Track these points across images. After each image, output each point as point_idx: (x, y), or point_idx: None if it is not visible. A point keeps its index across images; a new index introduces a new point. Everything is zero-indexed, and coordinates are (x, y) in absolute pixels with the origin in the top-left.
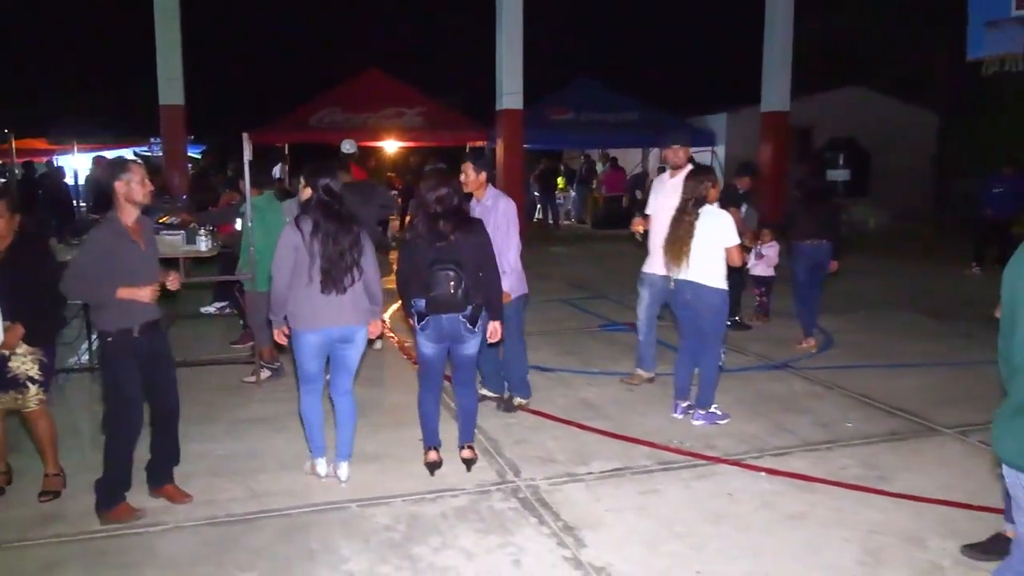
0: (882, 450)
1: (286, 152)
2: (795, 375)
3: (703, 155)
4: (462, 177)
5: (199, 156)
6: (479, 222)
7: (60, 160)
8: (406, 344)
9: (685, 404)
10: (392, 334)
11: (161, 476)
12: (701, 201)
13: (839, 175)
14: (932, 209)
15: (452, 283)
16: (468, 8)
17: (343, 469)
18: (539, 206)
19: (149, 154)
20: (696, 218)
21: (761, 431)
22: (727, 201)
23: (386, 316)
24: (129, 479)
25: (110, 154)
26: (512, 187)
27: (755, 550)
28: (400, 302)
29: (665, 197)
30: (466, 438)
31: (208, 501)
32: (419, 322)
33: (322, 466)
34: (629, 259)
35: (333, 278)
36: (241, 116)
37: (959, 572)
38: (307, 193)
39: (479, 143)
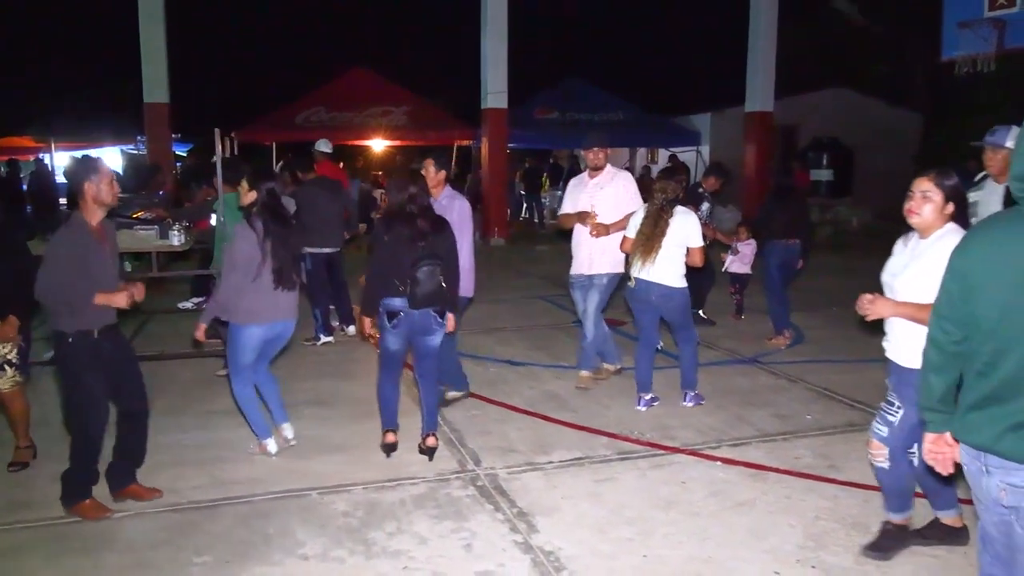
0: (837, 441)
1: (273, 151)
2: (762, 370)
3: (688, 155)
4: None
5: (184, 154)
6: (446, 220)
7: (50, 159)
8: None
9: (648, 397)
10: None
11: (124, 478)
12: (675, 201)
13: (823, 175)
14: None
15: (440, 279)
16: (455, 7)
17: (288, 430)
18: (525, 205)
19: (135, 152)
20: (672, 217)
21: (721, 423)
22: (687, 200)
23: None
24: (96, 476)
25: (97, 152)
26: (496, 186)
27: (702, 535)
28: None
29: (589, 196)
30: (431, 427)
31: (172, 489)
32: (390, 320)
33: (272, 444)
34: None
35: (285, 276)
36: (228, 115)
37: (897, 556)
38: (251, 196)
39: (465, 142)
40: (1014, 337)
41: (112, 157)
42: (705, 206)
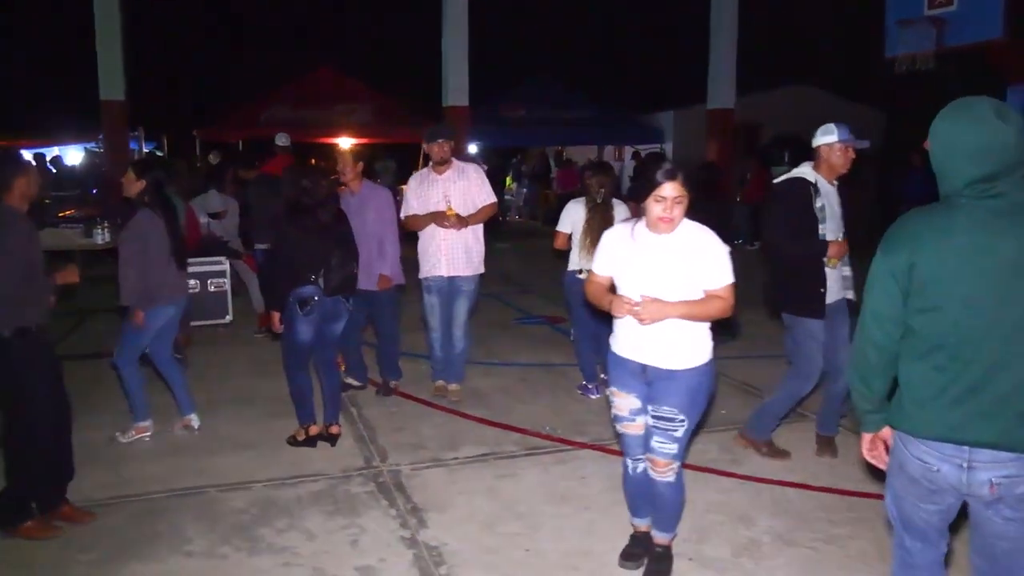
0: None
1: (240, 148)
2: None
3: (652, 152)
4: (339, 167)
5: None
6: (343, 211)
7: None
8: None
9: (593, 385)
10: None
11: (55, 495)
12: (613, 195)
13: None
14: (874, 204)
15: (353, 267)
16: (419, 4)
17: (194, 420)
18: None
19: (99, 150)
20: (613, 210)
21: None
22: (631, 195)
23: None
24: (41, 491)
25: (59, 150)
26: None
27: (588, 529)
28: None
29: (441, 192)
30: (334, 416)
31: (75, 488)
32: (302, 308)
33: (150, 427)
34: (565, 255)
35: (183, 258)
36: (195, 113)
37: (774, 548)
38: (139, 185)
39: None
40: (980, 327)
41: (75, 155)
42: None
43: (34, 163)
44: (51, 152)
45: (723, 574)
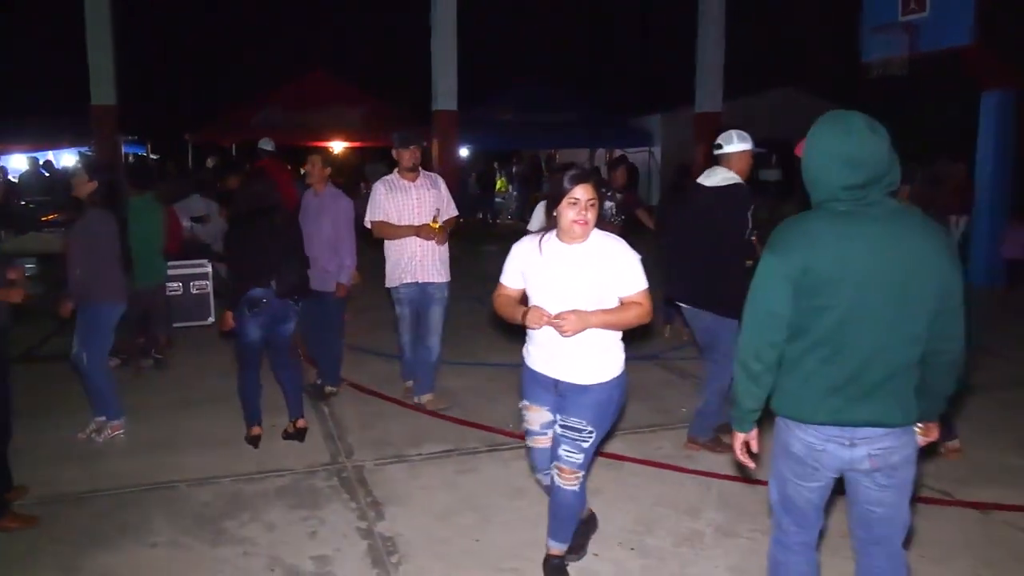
0: None
1: (233, 152)
2: (658, 366)
3: (640, 155)
4: (307, 167)
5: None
6: (295, 216)
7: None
8: None
9: None
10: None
11: None
12: None
13: (771, 175)
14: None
15: (306, 269)
16: (410, 7)
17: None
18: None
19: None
20: None
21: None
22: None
23: None
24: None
25: (54, 154)
26: (448, 186)
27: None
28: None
29: (416, 201)
30: (297, 412)
31: (44, 483)
32: (251, 309)
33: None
34: None
35: (128, 262)
36: (188, 118)
37: (714, 539)
38: (90, 186)
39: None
40: (863, 323)
41: (70, 159)
42: (608, 204)
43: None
44: (44, 156)
45: (662, 563)
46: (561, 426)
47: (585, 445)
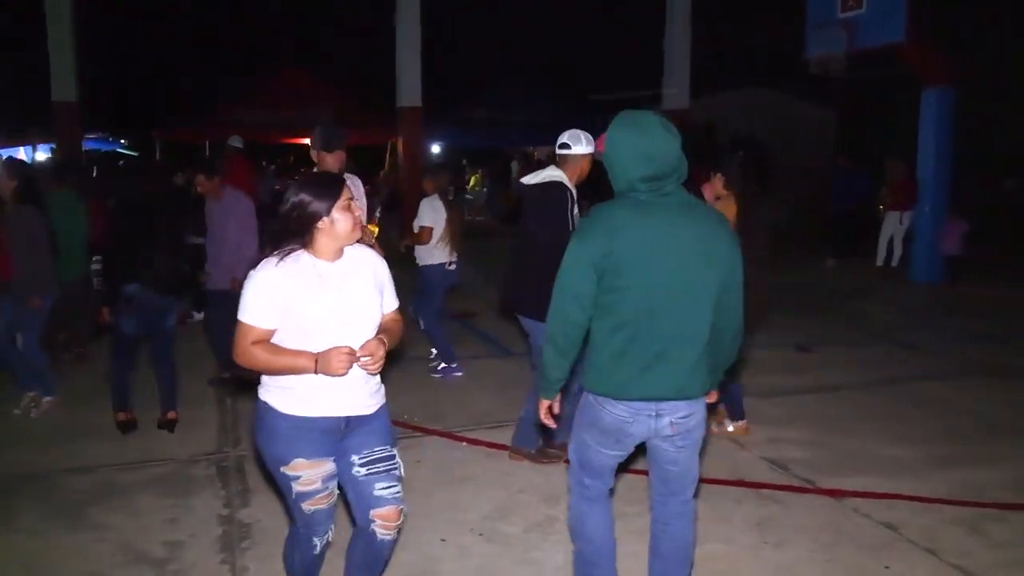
0: None
1: (207, 149)
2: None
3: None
4: (198, 187)
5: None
6: (179, 214)
7: None
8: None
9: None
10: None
11: None
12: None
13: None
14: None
15: (178, 263)
16: (379, 5)
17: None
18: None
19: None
20: (463, 206)
21: (495, 408)
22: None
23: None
24: None
25: (26, 151)
26: (413, 184)
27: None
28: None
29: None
30: (169, 404)
31: None
32: (126, 303)
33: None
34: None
35: (56, 253)
36: (158, 114)
37: (564, 525)
38: (10, 185)
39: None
40: (663, 303)
41: (42, 156)
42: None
43: None
44: (7, 152)
45: (506, 548)
46: (365, 464)
47: (399, 472)
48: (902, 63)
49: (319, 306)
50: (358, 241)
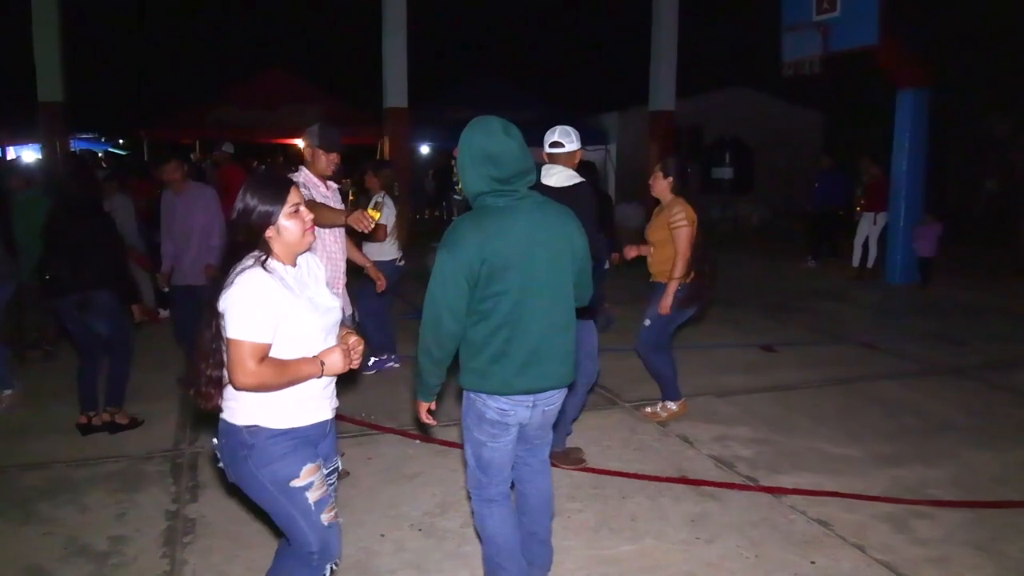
0: None
1: (197, 149)
2: None
3: (597, 153)
4: (166, 175)
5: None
6: (98, 217)
7: None
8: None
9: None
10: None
11: None
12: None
13: (724, 173)
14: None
15: (111, 266)
16: (364, 6)
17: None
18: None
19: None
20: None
21: (453, 407)
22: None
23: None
24: None
25: (18, 151)
26: (400, 184)
27: (344, 504)
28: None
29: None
30: (112, 402)
31: None
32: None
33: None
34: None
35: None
36: (149, 114)
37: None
38: None
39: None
40: (533, 302)
41: (30, 155)
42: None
43: None
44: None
45: (442, 542)
46: (328, 476)
47: (333, 480)
48: (875, 65)
49: (304, 311)
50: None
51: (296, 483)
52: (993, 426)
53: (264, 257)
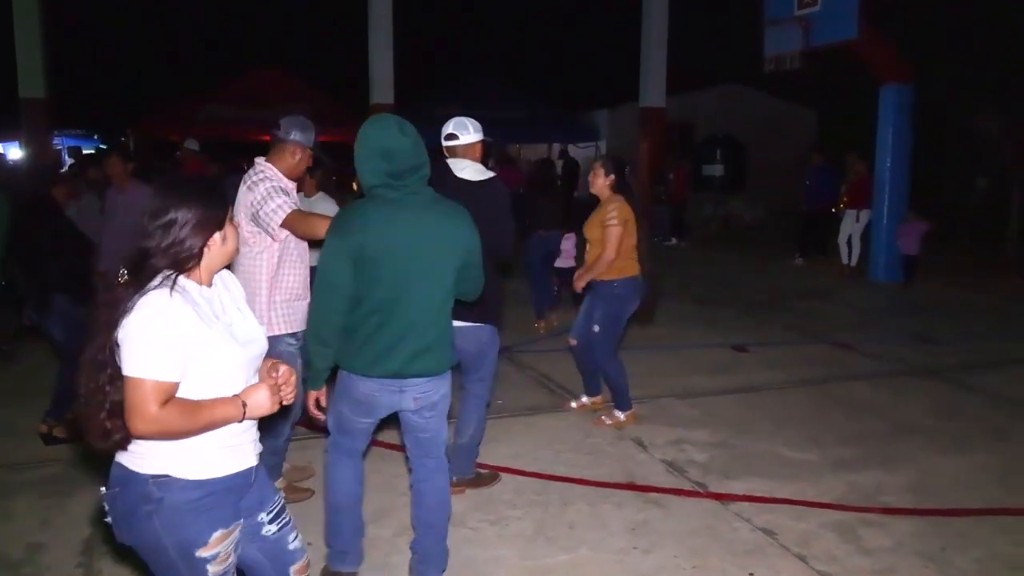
0: (504, 424)
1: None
2: (507, 360)
3: (588, 150)
4: (108, 169)
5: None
6: (55, 217)
7: None
8: None
9: None
10: None
11: None
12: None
13: (715, 170)
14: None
15: (66, 268)
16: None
17: None
18: None
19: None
20: None
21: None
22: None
23: None
24: None
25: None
26: None
27: (306, 505)
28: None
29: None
30: (51, 414)
31: None
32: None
33: None
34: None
35: None
36: (136, 110)
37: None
38: None
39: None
40: (407, 293)
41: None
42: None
43: None
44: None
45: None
46: (273, 518)
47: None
48: (857, 60)
49: (221, 341)
50: None
51: (201, 552)
52: (960, 429)
53: (173, 275)
